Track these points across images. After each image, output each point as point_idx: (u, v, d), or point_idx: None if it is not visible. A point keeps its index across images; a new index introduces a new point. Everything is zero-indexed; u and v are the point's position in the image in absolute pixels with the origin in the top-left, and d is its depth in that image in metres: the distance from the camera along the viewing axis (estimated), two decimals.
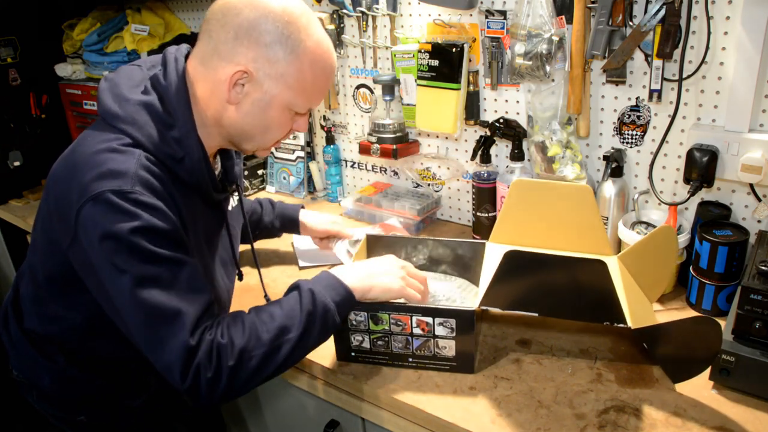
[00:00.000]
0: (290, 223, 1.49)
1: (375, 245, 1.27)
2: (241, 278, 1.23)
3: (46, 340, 1.08)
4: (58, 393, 1.11)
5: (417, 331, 1.04)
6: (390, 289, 1.04)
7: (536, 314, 1.03)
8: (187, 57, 1.01)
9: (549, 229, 1.20)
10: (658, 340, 1.00)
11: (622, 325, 0.98)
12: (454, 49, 1.45)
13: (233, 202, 1.20)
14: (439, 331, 1.03)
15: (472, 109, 1.54)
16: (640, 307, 1.09)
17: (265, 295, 1.31)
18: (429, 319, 1.03)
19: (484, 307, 1.04)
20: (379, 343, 1.08)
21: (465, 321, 1.02)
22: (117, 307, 0.91)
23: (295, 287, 1.01)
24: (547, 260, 1.00)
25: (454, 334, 1.03)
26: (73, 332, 1.06)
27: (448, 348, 1.05)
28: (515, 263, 0.98)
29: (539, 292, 1.01)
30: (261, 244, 1.59)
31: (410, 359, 1.08)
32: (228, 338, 0.90)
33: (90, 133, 0.97)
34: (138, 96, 0.96)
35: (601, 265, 0.94)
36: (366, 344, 1.09)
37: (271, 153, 1.97)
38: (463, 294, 1.20)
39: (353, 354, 1.10)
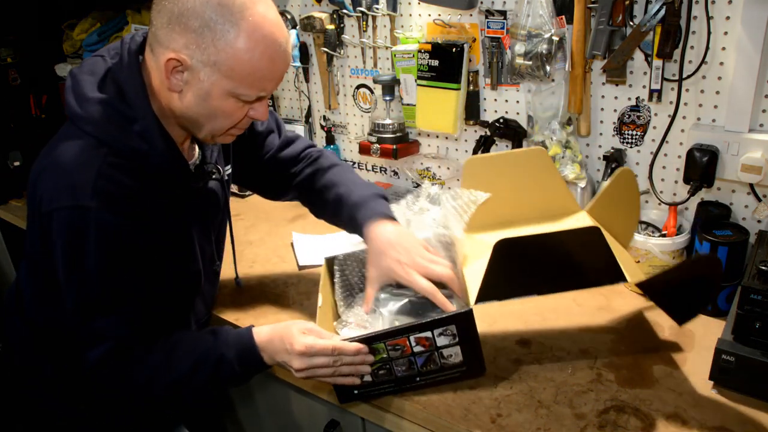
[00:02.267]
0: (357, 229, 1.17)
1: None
2: (218, 266, 1.24)
3: (47, 328, 1.09)
4: (59, 381, 1.11)
5: (418, 348, 0.98)
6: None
7: (536, 295, 1.00)
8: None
9: (513, 201, 1.14)
10: (661, 288, 1.00)
11: (622, 283, 0.97)
12: (454, 49, 1.45)
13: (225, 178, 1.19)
14: (441, 341, 0.97)
15: (472, 109, 1.54)
16: (625, 259, 1.07)
17: (236, 278, 1.36)
18: (428, 333, 0.96)
19: (480, 303, 0.99)
20: (381, 372, 1.00)
21: (465, 323, 0.96)
22: (63, 304, 0.98)
23: (210, 344, 1.00)
24: (538, 241, 0.97)
25: (457, 340, 0.98)
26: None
27: (455, 355, 0.99)
28: (506, 252, 0.94)
29: (535, 273, 0.98)
30: (260, 244, 1.59)
31: (418, 378, 1.01)
32: (129, 373, 0.98)
33: (60, 133, 0.99)
34: (98, 93, 0.96)
35: (595, 230, 0.93)
36: (367, 378, 1.00)
37: None
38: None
39: (356, 392, 1.03)
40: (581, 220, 1.11)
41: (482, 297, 0.99)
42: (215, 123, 0.98)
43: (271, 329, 1.01)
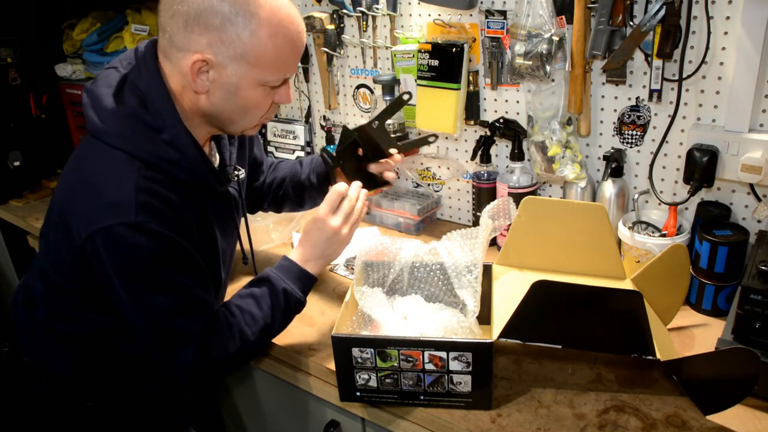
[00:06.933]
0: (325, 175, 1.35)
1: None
2: (246, 262, 1.29)
3: (64, 332, 1.08)
4: (71, 376, 1.11)
5: (429, 366, 0.96)
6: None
7: (559, 346, 0.97)
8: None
9: (560, 250, 1.14)
10: (689, 372, 0.96)
11: (650, 357, 0.94)
12: (454, 49, 1.45)
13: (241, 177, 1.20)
14: (454, 366, 0.96)
15: (472, 109, 1.54)
16: (660, 334, 1.04)
17: (254, 270, 1.36)
18: (443, 354, 0.95)
19: (504, 339, 0.96)
20: (388, 381, 1.00)
21: (482, 354, 0.94)
22: (130, 322, 0.99)
23: (265, 282, 1.09)
24: (579, 291, 0.92)
25: (470, 369, 0.95)
26: (96, 331, 1.07)
27: (464, 384, 0.97)
28: (543, 293, 0.91)
29: (564, 323, 0.95)
30: (260, 245, 1.59)
31: (422, 397, 1.00)
32: (223, 352, 1.01)
33: (85, 150, 0.98)
34: (120, 105, 0.96)
35: (637, 296, 0.90)
36: (373, 383, 1.01)
37: (271, 153, 1.97)
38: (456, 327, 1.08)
39: (358, 394, 1.03)
40: (624, 286, 1.08)
41: (507, 333, 0.96)
42: (248, 116, 1.00)
43: (300, 245, 1.12)
